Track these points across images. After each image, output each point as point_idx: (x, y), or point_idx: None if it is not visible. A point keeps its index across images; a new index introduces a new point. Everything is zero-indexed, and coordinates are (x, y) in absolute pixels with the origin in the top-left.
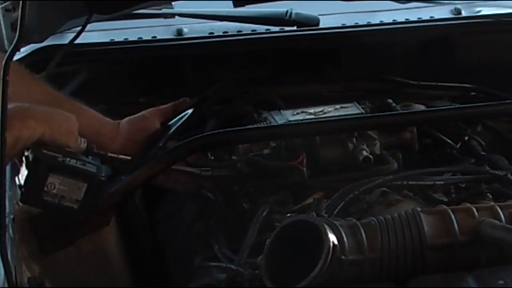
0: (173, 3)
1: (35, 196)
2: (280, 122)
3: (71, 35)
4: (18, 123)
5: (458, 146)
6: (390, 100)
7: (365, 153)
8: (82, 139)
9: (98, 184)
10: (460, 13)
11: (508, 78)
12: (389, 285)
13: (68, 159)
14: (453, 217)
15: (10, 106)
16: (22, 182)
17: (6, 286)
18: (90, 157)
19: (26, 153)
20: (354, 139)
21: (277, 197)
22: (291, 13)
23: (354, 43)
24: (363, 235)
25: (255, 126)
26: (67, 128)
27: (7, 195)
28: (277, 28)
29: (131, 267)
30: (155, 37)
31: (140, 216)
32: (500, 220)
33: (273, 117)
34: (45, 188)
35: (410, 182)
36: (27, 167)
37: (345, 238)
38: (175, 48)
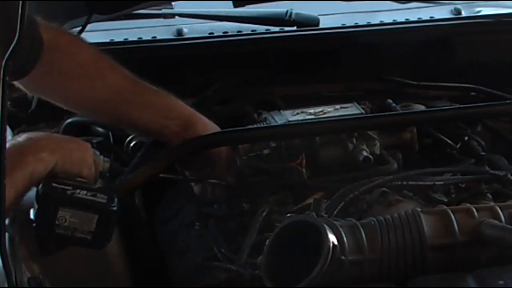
0: (173, 3)
1: (47, 230)
2: (280, 122)
3: None
4: (31, 159)
5: (458, 146)
6: (390, 100)
7: (365, 153)
8: (106, 159)
9: (109, 215)
10: (460, 13)
11: (508, 78)
12: (389, 285)
13: (78, 191)
14: (453, 217)
15: (22, 138)
16: (32, 216)
17: (6, 286)
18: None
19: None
20: (354, 139)
21: (277, 197)
22: (291, 13)
23: (354, 43)
24: (363, 235)
25: (255, 126)
26: (80, 157)
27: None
28: (277, 28)
29: (131, 267)
30: (155, 37)
31: (140, 216)
32: (500, 220)
33: (273, 117)
34: (56, 222)
35: (410, 182)
36: (37, 202)
37: (345, 238)
38: (175, 48)
